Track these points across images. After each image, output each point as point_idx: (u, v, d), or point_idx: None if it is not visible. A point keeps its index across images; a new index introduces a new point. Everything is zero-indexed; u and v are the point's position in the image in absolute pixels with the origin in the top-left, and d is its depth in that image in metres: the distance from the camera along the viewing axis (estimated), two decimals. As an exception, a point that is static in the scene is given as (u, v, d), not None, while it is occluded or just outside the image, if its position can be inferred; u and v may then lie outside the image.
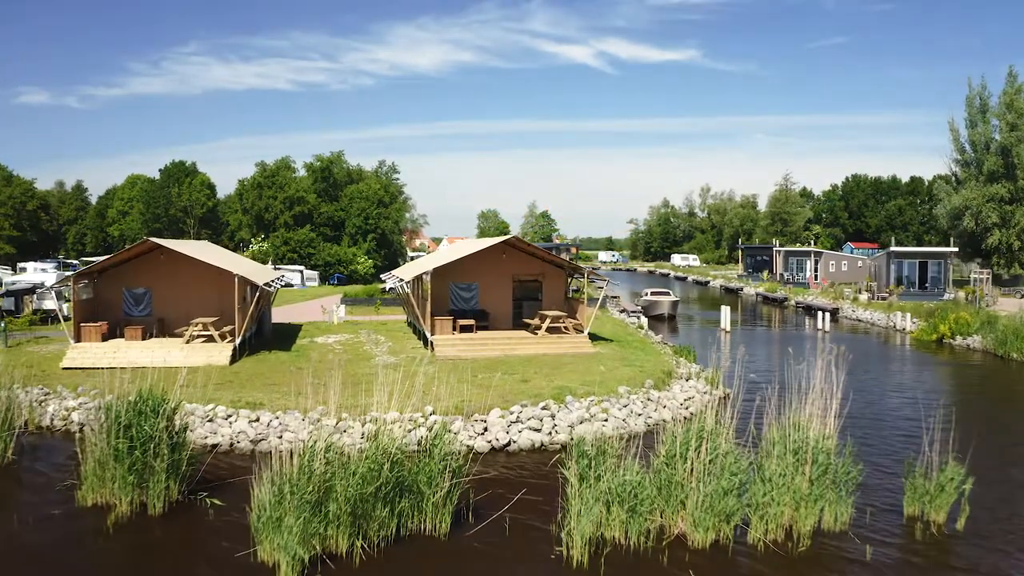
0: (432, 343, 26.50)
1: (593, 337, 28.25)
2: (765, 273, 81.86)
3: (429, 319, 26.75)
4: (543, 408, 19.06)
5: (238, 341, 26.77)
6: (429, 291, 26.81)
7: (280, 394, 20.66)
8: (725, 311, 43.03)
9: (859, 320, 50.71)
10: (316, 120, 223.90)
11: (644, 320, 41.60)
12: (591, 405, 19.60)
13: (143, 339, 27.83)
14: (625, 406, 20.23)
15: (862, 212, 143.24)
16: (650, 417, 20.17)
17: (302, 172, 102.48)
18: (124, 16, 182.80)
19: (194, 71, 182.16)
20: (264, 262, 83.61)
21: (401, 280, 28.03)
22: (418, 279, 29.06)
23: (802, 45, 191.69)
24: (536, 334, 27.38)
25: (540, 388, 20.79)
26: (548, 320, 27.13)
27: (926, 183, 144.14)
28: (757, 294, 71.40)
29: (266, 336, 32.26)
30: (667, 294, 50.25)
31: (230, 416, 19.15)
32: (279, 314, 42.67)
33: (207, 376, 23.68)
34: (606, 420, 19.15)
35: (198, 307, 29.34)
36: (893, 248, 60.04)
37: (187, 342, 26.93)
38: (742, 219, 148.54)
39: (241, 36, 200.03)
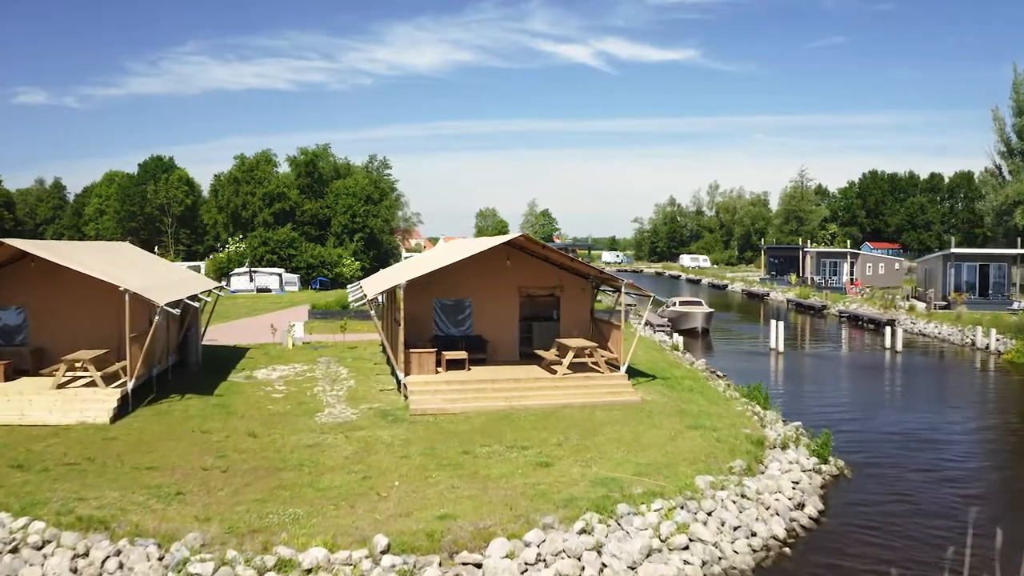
0: (405, 387, 18.51)
1: (629, 372, 20.28)
2: (792, 276, 73.96)
3: (402, 353, 18.76)
4: (581, 532, 11.06)
5: (131, 385, 18.78)
6: (403, 311, 18.82)
7: (148, 493, 12.66)
8: (777, 328, 35.05)
9: (922, 335, 42.77)
10: (315, 120, 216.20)
11: (678, 339, 33.70)
12: (661, 519, 11.62)
13: (6, 379, 19.88)
14: (710, 514, 12.27)
15: (880, 210, 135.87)
16: (753, 533, 12.20)
17: (286, 168, 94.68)
18: (122, 16, 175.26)
19: (192, 71, 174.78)
20: (241, 264, 75.71)
21: (364, 296, 20.00)
22: (390, 294, 21.10)
23: (801, 45, 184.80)
24: (554, 372, 19.42)
25: (570, 483, 12.79)
26: (571, 353, 19.16)
27: (946, 180, 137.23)
28: (788, 301, 63.42)
29: (191, 367, 24.28)
30: (699, 304, 42.28)
31: (47, 543, 11.14)
32: (235, 329, 34.81)
33: (66, 446, 15.76)
34: (686, 548, 11.20)
35: (92, 334, 21.37)
36: (953, 249, 52.15)
37: (58, 387, 18.93)
38: (753, 218, 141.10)
39: (239, 36, 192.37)
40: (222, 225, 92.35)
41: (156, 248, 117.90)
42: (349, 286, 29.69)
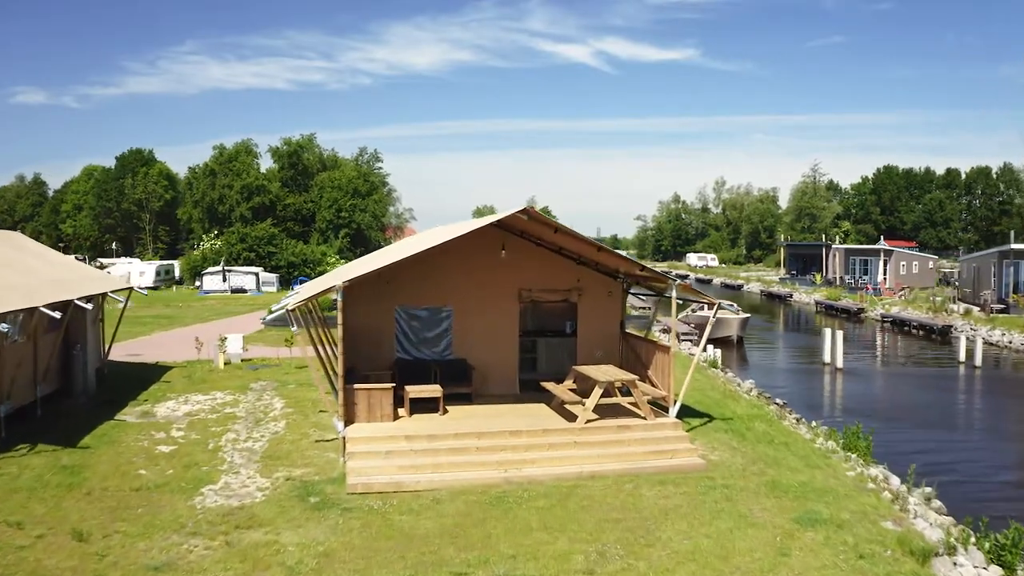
0: (344, 442, 12.04)
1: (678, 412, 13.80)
2: (817, 276, 67.67)
3: (341, 390, 12.31)
4: None
5: (-65, 436, 12.40)
6: (341, 327, 12.36)
7: None
8: (833, 338, 28.71)
9: (991, 343, 36.40)
10: (314, 119, 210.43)
11: (714, 352, 27.38)
12: None
13: None
14: None
15: (895, 207, 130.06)
16: None
17: (270, 162, 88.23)
18: (120, 15, 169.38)
19: (190, 70, 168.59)
20: (216, 262, 69.23)
21: (286, 307, 13.42)
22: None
23: (801, 44, 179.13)
24: (573, 419, 13.01)
25: None
26: (598, 390, 12.73)
27: (963, 175, 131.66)
28: (816, 303, 57.00)
29: (76, 399, 17.86)
30: (731, 308, 35.75)
31: None
32: (178, 338, 28.51)
33: None
34: None
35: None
36: (1013, 245, 45.82)
37: None
38: (761, 215, 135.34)
39: (238, 35, 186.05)
40: (197, 220, 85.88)
41: (133, 246, 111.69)
42: (295, 286, 23.15)
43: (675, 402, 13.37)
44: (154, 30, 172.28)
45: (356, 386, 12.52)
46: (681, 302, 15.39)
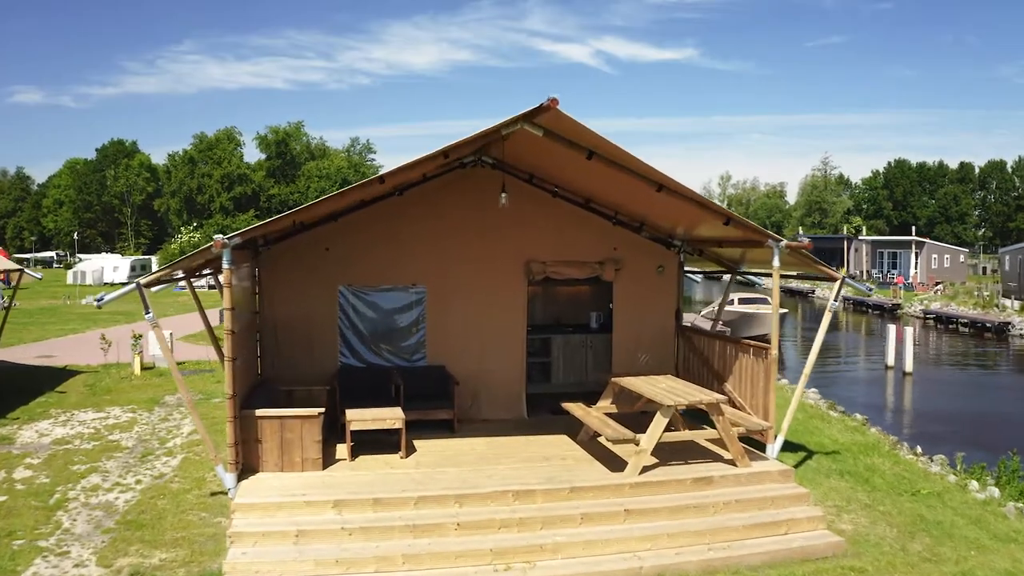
0: (232, 512, 7.10)
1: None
2: (841, 270, 62.92)
3: (232, 420, 7.43)
4: None
5: None
6: (228, 314, 7.51)
7: None
8: (900, 336, 23.90)
9: (1062, 343, 31.64)
10: (313, 119, 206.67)
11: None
12: None
13: None
14: None
15: (908, 201, 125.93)
16: None
17: (260, 155, 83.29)
18: (119, 14, 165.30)
19: (189, 69, 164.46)
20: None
21: (137, 282, 8.45)
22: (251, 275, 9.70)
23: (800, 44, 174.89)
24: (620, 468, 8.09)
25: None
26: (664, 416, 7.82)
27: (977, 169, 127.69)
28: (844, 299, 52.18)
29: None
30: (766, 302, 30.93)
31: None
32: (112, 335, 23.67)
33: None
34: None
35: None
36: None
37: None
38: (769, 210, 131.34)
39: (236, 35, 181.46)
40: (174, 212, 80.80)
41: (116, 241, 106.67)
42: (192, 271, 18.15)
43: (779, 435, 8.46)
44: (153, 29, 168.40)
45: (259, 412, 7.60)
46: (791, 277, 10.51)
